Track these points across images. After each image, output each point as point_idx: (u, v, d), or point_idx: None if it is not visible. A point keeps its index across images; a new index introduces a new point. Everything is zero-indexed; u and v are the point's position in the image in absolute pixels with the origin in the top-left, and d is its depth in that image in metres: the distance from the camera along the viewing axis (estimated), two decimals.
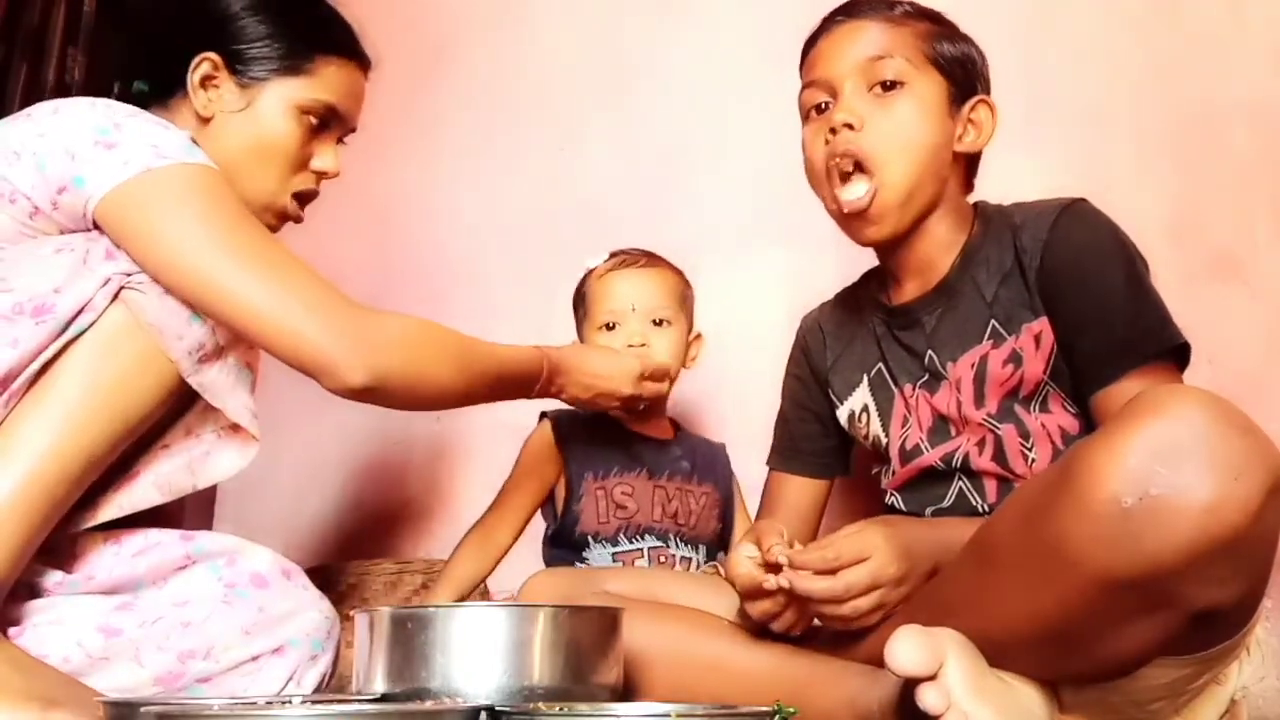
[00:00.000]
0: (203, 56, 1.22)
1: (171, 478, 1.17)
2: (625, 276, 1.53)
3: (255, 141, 1.24)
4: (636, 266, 1.54)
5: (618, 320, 1.51)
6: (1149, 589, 0.83)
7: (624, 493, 1.48)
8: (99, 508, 1.14)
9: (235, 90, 1.23)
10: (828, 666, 1.07)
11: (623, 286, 1.53)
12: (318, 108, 1.26)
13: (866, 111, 1.18)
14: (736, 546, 1.12)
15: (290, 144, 1.25)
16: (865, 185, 1.17)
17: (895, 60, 1.19)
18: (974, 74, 1.24)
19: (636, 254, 1.56)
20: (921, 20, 1.23)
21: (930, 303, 1.23)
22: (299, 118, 1.25)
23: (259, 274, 1.08)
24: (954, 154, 1.22)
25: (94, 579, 1.15)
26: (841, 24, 1.23)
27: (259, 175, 1.24)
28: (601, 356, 1.43)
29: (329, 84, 1.27)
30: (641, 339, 1.49)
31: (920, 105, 1.19)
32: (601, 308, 1.52)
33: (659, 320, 1.52)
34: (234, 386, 1.15)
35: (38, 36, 1.97)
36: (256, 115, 1.24)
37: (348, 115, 1.30)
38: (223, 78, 1.23)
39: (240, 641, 1.17)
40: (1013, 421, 1.17)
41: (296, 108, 1.25)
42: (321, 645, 1.21)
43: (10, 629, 1.09)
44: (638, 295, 1.51)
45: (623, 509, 1.47)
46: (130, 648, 1.12)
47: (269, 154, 1.25)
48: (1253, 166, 1.64)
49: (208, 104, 1.23)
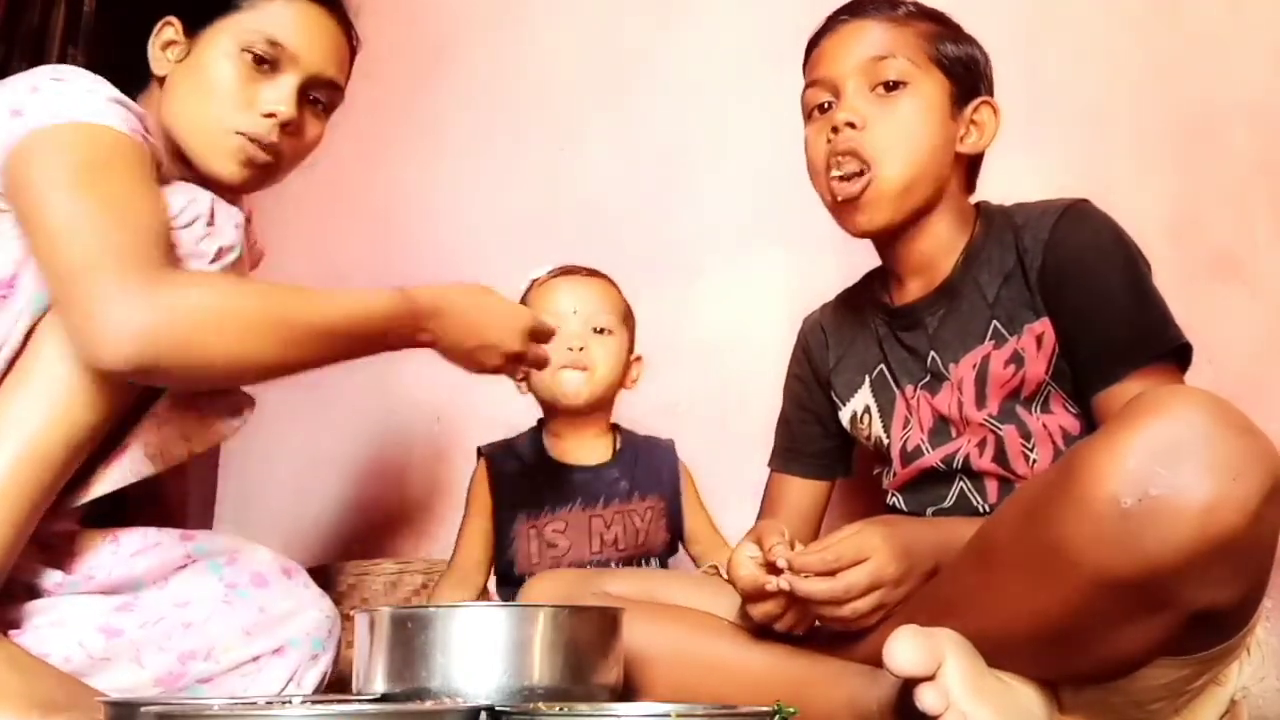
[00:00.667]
0: (164, 22, 1.22)
1: (164, 446, 1.14)
2: (568, 284, 1.54)
3: (194, 86, 1.20)
4: (580, 276, 1.55)
5: (557, 325, 1.49)
6: (1148, 589, 0.83)
7: (555, 530, 1.48)
8: (91, 484, 1.11)
9: (185, 44, 1.21)
10: (827, 666, 1.07)
11: (565, 292, 1.53)
12: (255, 40, 1.19)
13: (869, 111, 1.18)
14: (738, 546, 1.11)
15: (224, 81, 1.19)
16: (861, 175, 1.17)
17: (898, 60, 1.19)
18: (977, 75, 1.24)
19: (581, 268, 1.57)
20: (925, 20, 1.23)
21: (932, 303, 1.23)
22: (237, 55, 1.19)
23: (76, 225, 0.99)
24: (956, 155, 1.22)
25: (94, 579, 1.14)
26: (845, 23, 1.23)
27: (198, 117, 1.20)
28: (486, 302, 1.26)
29: (270, 19, 1.20)
30: (580, 342, 1.49)
31: (922, 106, 1.19)
32: (542, 312, 1.50)
33: (600, 329, 1.51)
34: None
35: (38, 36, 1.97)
36: (197, 59, 1.20)
37: (300, 54, 1.22)
38: (179, 38, 1.22)
39: (241, 642, 1.16)
40: (1014, 422, 1.17)
41: (234, 44, 1.19)
42: (322, 645, 1.21)
43: (10, 630, 1.08)
44: (579, 301, 1.52)
45: (553, 547, 1.47)
46: (131, 648, 1.12)
47: (205, 94, 1.19)
48: (1253, 166, 1.63)
49: (162, 64, 1.21)
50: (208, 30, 1.20)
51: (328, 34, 1.25)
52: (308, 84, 1.23)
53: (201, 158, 1.20)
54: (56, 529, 1.13)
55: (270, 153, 1.21)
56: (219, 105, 1.19)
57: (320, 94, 1.26)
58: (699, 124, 1.96)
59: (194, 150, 1.20)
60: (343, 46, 1.27)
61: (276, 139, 1.21)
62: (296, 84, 1.22)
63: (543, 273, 1.57)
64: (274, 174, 1.25)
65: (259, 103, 1.20)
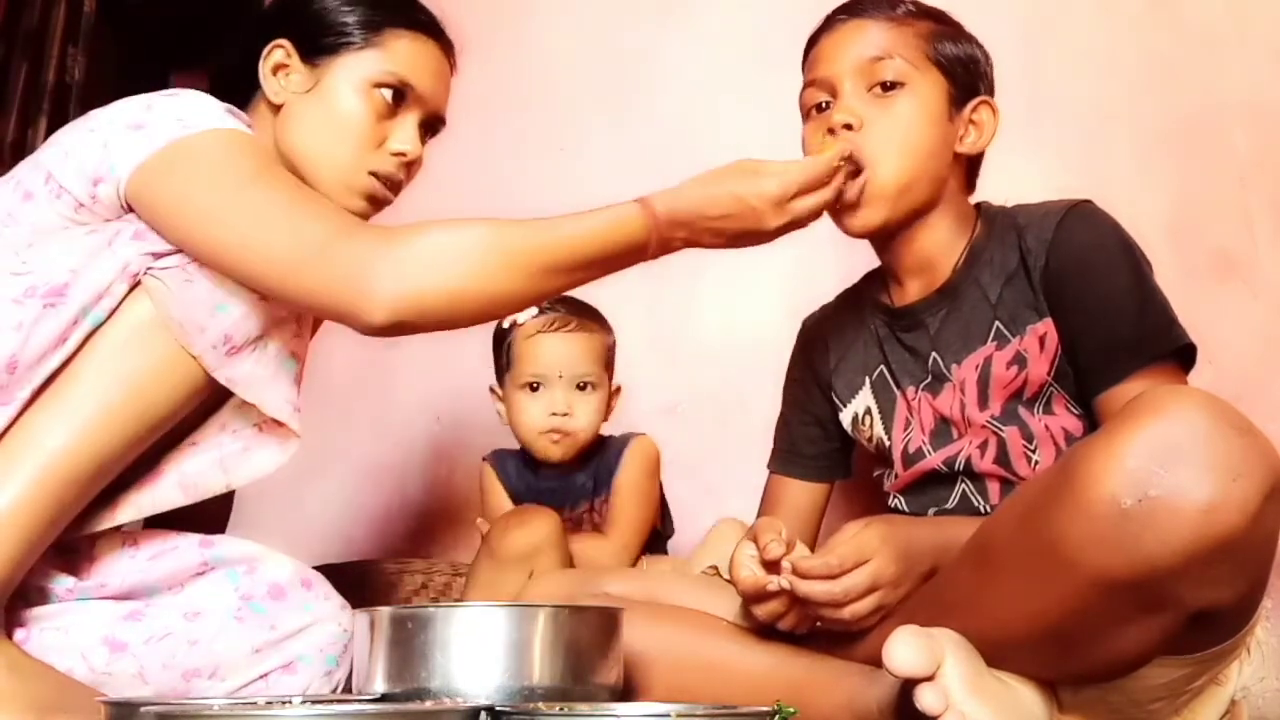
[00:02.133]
0: (274, 45, 1.20)
1: (199, 477, 1.12)
2: (554, 340, 1.56)
3: (324, 120, 1.19)
4: (565, 331, 1.56)
5: (542, 383, 1.54)
6: (1147, 589, 0.83)
7: None
8: (117, 508, 1.10)
9: (304, 72, 1.19)
10: (827, 667, 1.07)
11: (550, 350, 1.55)
12: (388, 80, 1.19)
13: (866, 112, 1.18)
14: (738, 546, 1.11)
15: (359, 119, 1.18)
16: (857, 176, 1.17)
17: (895, 61, 1.18)
18: (976, 74, 1.24)
19: (566, 315, 1.57)
20: (924, 20, 1.22)
21: (933, 304, 1.23)
22: (368, 92, 1.18)
23: (272, 219, 1.02)
24: (955, 155, 1.22)
25: (107, 586, 1.12)
26: (843, 23, 1.23)
27: (330, 154, 1.19)
28: (725, 187, 1.15)
29: (400, 57, 1.20)
30: (565, 408, 1.53)
31: (920, 106, 1.18)
32: (526, 368, 1.55)
33: (583, 385, 1.55)
34: (273, 378, 1.10)
35: (38, 36, 1.97)
36: (324, 93, 1.19)
37: (425, 93, 1.22)
38: (294, 64, 1.20)
39: (249, 662, 1.14)
40: (1016, 424, 1.16)
41: (365, 81, 1.18)
42: (336, 660, 1.18)
43: (16, 632, 1.07)
44: (564, 361, 1.55)
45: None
46: (134, 664, 1.10)
47: (338, 131, 1.19)
48: (1252, 166, 1.64)
49: (278, 91, 1.20)
50: (332, 62, 1.19)
51: (443, 70, 1.27)
52: (428, 122, 1.25)
53: (329, 191, 1.17)
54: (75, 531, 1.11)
55: (394, 190, 1.24)
56: (353, 144, 1.18)
57: (433, 127, 1.28)
58: (699, 124, 1.96)
59: (321, 183, 1.17)
60: (449, 78, 1.29)
61: (403, 177, 1.23)
62: (419, 121, 1.23)
63: (525, 316, 1.57)
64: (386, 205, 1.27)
65: (389, 142, 1.21)
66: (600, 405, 1.57)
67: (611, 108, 2.02)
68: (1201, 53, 1.69)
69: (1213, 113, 1.66)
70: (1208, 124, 1.66)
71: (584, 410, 1.55)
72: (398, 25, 1.21)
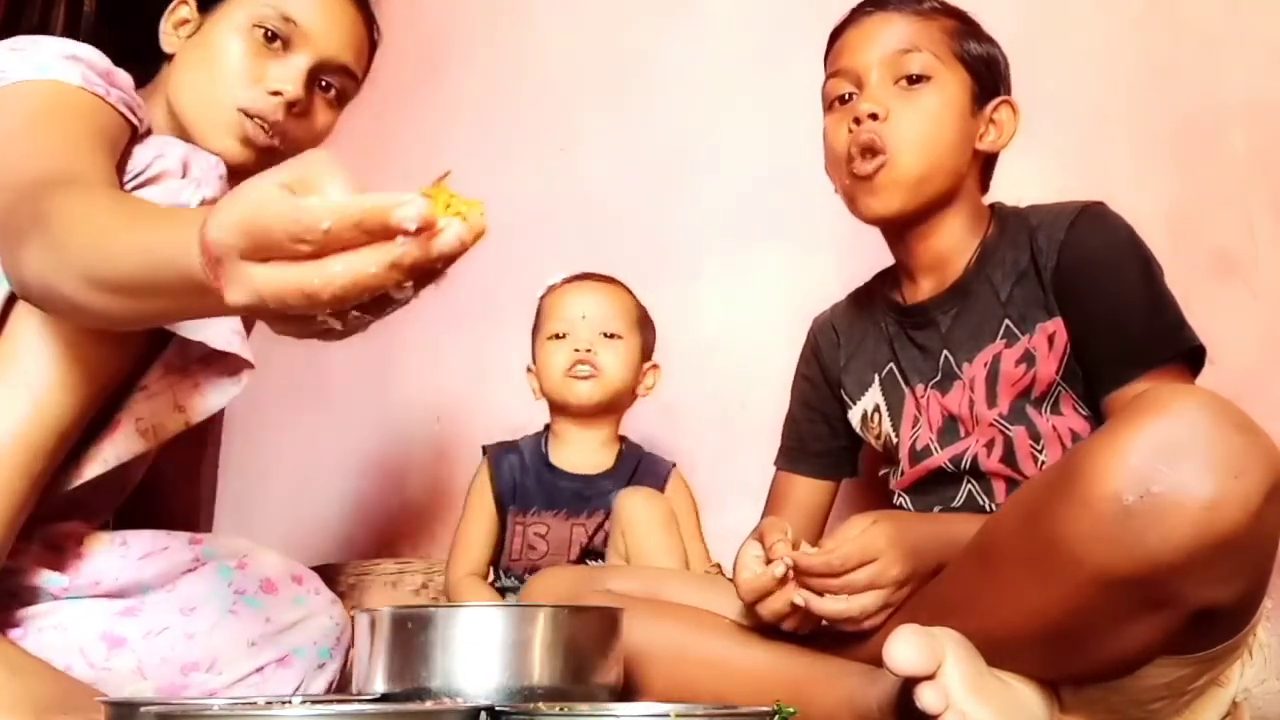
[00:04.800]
0: (178, 1, 1.20)
1: (157, 420, 1.08)
2: (581, 289, 1.55)
3: (199, 60, 1.18)
4: (594, 282, 1.56)
5: (567, 330, 1.51)
6: (1149, 587, 0.83)
7: (537, 533, 1.50)
8: (83, 465, 1.07)
9: (197, 20, 1.20)
10: (827, 666, 1.07)
11: (576, 298, 1.54)
12: (269, 15, 1.16)
13: (891, 104, 1.18)
14: (743, 546, 1.11)
15: (229, 55, 1.16)
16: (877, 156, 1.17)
17: (923, 54, 1.19)
18: (998, 74, 1.24)
19: (596, 274, 1.57)
20: (950, 17, 1.23)
21: (945, 302, 1.23)
22: (247, 30, 1.16)
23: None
24: (974, 153, 1.22)
25: (100, 584, 1.12)
26: (870, 15, 1.23)
27: (199, 92, 1.16)
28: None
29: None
30: (589, 345, 1.49)
31: (945, 101, 1.19)
32: (553, 317, 1.53)
33: (610, 333, 1.51)
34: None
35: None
36: (204, 35, 1.18)
37: (315, 35, 1.18)
38: (192, 15, 1.20)
39: (245, 655, 1.15)
40: (1024, 423, 1.16)
41: (246, 19, 1.16)
42: (329, 653, 1.19)
43: (12, 630, 1.07)
44: (589, 307, 1.53)
45: (533, 549, 1.49)
46: (133, 659, 1.10)
47: (208, 68, 1.16)
48: (1252, 166, 1.63)
49: (172, 42, 1.20)
50: (221, 6, 1.18)
51: (346, 18, 1.21)
52: (320, 67, 1.20)
53: (201, 134, 1.16)
54: (65, 530, 1.11)
55: (273, 133, 1.17)
56: (223, 79, 1.16)
57: (333, 80, 1.22)
58: (699, 124, 1.96)
59: (194, 125, 1.16)
60: (361, 35, 1.24)
61: (281, 118, 1.17)
62: (308, 65, 1.18)
63: (559, 279, 1.58)
64: (275, 157, 1.18)
65: (266, 80, 1.16)
66: (628, 360, 1.52)
67: (611, 108, 2.02)
68: (1201, 53, 1.69)
69: (1213, 113, 1.66)
70: (1208, 124, 1.66)
71: (610, 358, 1.50)
72: None
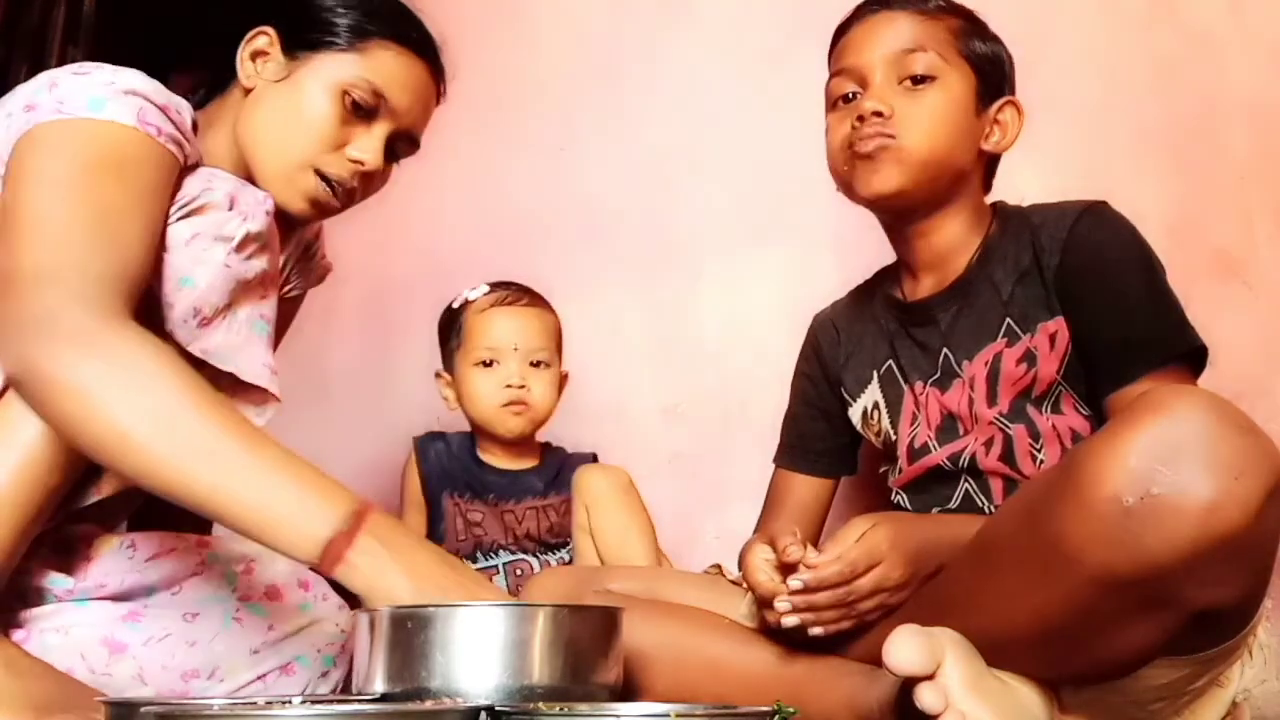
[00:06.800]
0: (258, 30, 1.18)
1: None
2: (508, 314, 1.56)
3: (284, 110, 1.17)
4: (519, 305, 1.56)
5: (497, 358, 1.54)
6: (1149, 588, 0.83)
7: (474, 519, 1.54)
8: (102, 483, 1.07)
9: (282, 62, 1.18)
10: (827, 666, 1.07)
11: (505, 324, 1.55)
12: (361, 87, 1.17)
13: (895, 102, 1.17)
14: (753, 550, 1.10)
15: (319, 116, 1.16)
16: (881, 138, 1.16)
17: (928, 54, 1.18)
18: (1003, 74, 1.24)
19: (518, 291, 1.58)
20: (955, 16, 1.23)
21: (946, 300, 1.23)
22: (338, 95, 1.16)
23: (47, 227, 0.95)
24: (978, 152, 1.22)
25: (105, 586, 1.11)
26: (875, 13, 1.23)
27: (279, 144, 1.17)
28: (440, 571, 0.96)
29: (379, 68, 1.18)
30: (521, 380, 1.53)
31: (950, 99, 1.19)
32: (480, 343, 1.54)
33: (537, 362, 1.55)
34: (246, 344, 1.07)
35: (38, 36, 1.97)
36: (295, 85, 1.17)
37: (399, 109, 1.20)
38: (274, 53, 1.18)
39: (247, 663, 1.13)
40: (1024, 422, 1.16)
41: (338, 83, 1.16)
42: (334, 661, 1.17)
43: (15, 632, 1.06)
44: (520, 335, 1.54)
45: (477, 526, 1.53)
46: (134, 666, 1.10)
47: (294, 123, 1.17)
48: (1253, 166, 1.64)
49: (251, 75, 1.18)
50: (311, 58, 1.17)
51: (426, 92, 1.24)
52: (395, 136, 1.22)
53: (268, 181, 1.16)
54: (74, 531, 1.11)
55: (342, 198, 1.20)
56: (307, 140, 1.16)
57: (402, 146, 1.25)
58: (698, 124, 1.96)
59: (263, 171, 1.16)
60: (433, 104, 1.27)
61: (355, 185, 1.20)
62: (386, 135, 1.20)
63: (478, 294, 1.58)
64: (332, 214, 1.23)
65: (349, 147, 1.18)
66: (554, 385, 1.57)
67: (611, 108, 2.02)
68: (1201, 53, 1.69)
69: (1213, 113, 1.66)
70: (1208, 124, 1.66)
71: (539, 387, 1.54)
72: (386, 37, 1.19)
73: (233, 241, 1.06)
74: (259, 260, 1.09)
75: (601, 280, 1.93)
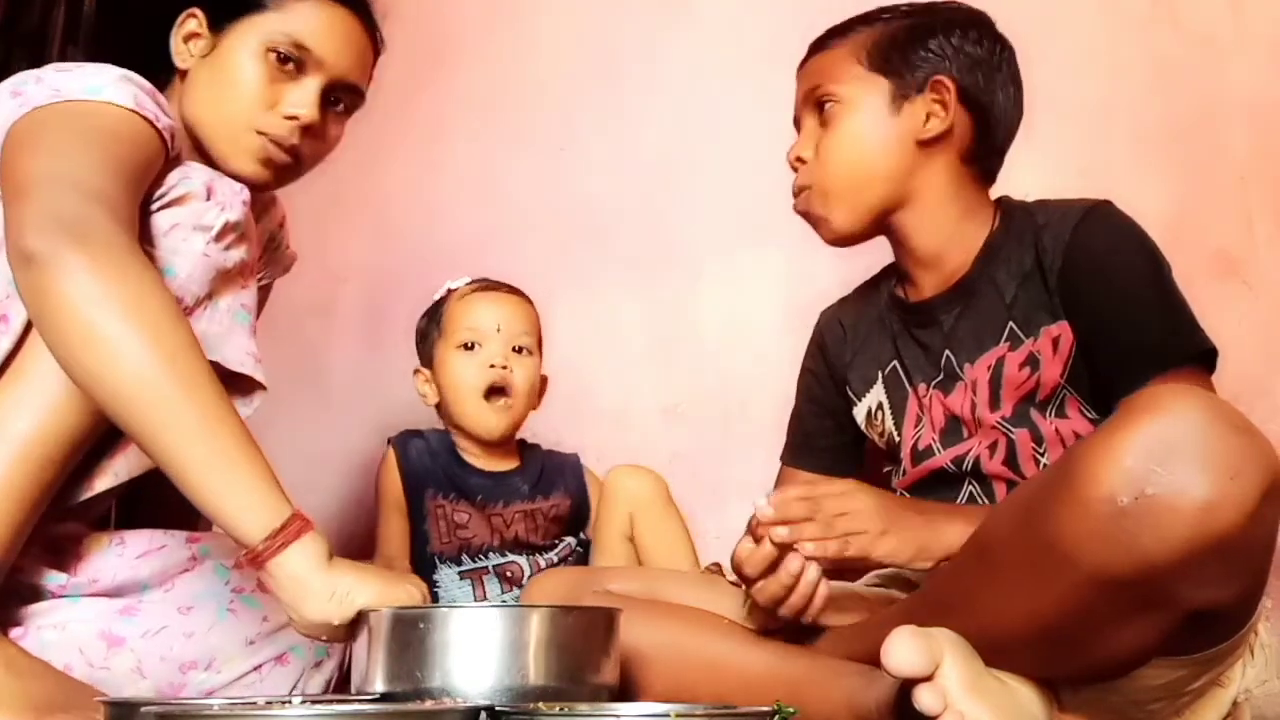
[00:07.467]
0: (187, 13, 1.22)
1: None
2: (490, 299, 1.54)
3: (215, 82, 1.20)
4: (501, 292, 1.55)
5: (479, 340, 1.50)
6: (1146, 588, 0.83)
7: (459, 521, 1.51)
8: (94, 478, 1.08)
9: (209, 38, 1.21)
10: (826, 666, 1.07)
11: (487, 308, 1.53)
12: (281, 41, 1.19)
13: (819, 141, 1.23)
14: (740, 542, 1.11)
15: (246, 80, 1.19)
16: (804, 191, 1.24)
17: (824, 87, 1.24)
18: (921, 60, 1.21)
19: (500, 284, 1.58)
20: (863, 28, 1.24)
21: (948, 301, 1.23)
22: (261, 54, 1.19)
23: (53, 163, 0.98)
24: (918, 145, 1.21)
25: (98, 582, 1.12)
26: (801, 65, 1.29)
27: (218, 115, 1.20)
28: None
29: (298, 20, 1.20)
30: (504, 361, 1.49)
31: (852, 114, 1.21)
32: (461, 325, 1.51)
33: (520, 348, 1.52)
34: (228, 333, 1.08)
35: (38, 36, 1.97)
36: (222, 55, 1.20)
37: (326, 59, 1.21)
38: (203, 31, 1.21)
39: (243, 653, 1.15)
40: (1027, 425, 1.16)
41: (260, 44, 1.19)
42: (326, 651, 1.19)
43: (12, 629, 1.07)
44: (503, 317, 1.52)
45: (463, 529, 1.50)
46: (132, 659, 1.10)
47: (229, 91, 1.19)
48: (1253, 166, 1.64)
49: (185, 57, 1.21)
50: (234, 27, 1.20)
51: (354, 38, 1.25)
52: (330, 87, 1.23)
53: (221, 154, 1.20)
54: (63, 530, 1.11)
55: (290, 154, 1.22)
56: (242, 104, 1.19)
57: (342, 97, 1.26)
58: (698, 124, 1.96)
59: (214, 146, 1.20)
60: (366, 50, 1.27)
61: (297, 140, 1.21)
62: (319, 87, 1.22)
63: (460, 284, 1.57)
64: (292, 174, 1.26)
65: (282, 104, 1.20)
66: (535, 378, 1.54)
67: (611, 108, 2.03)
68: (1201, 53, 1.69)
69: (1213, 113, 1.66)
70: (1208, 124, 1.66)
71: (521, 376, 1.51)
72: None
73: (211, 231, 1.08)
74: (237, 250, 1.10)
75: (601, 280, 1.93)
